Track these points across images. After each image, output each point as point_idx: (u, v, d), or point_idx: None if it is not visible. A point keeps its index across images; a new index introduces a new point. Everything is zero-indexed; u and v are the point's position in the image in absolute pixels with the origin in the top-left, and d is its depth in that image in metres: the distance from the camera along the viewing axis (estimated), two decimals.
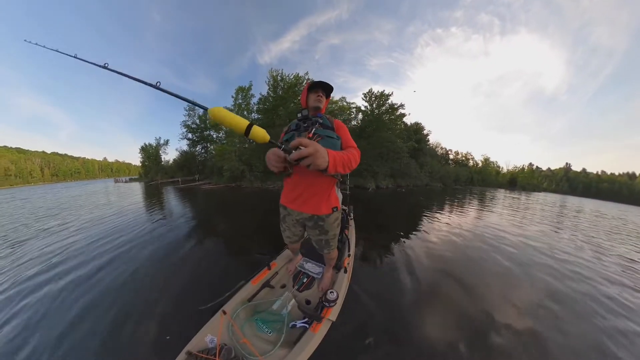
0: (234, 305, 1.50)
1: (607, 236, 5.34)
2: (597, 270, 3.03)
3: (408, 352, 1.54)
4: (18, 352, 1.50)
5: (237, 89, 20.74)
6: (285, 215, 1.50)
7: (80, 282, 2.33)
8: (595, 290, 2.49)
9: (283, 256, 2.12)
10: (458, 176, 30.76)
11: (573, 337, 1.75)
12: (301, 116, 1.36)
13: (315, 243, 1.53)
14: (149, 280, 2.35)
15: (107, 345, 1.56)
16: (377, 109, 18.69)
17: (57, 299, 2.05)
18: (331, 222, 1.40)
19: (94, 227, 4.47)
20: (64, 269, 2.64)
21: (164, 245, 3.37)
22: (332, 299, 1.45)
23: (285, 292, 1.69)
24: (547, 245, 3.96)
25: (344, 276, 1.81)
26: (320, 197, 1.33)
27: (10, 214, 6.72)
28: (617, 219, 8.92)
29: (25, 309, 1.92)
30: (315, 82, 1.39)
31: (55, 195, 12.39)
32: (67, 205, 7.90)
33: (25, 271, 2.61)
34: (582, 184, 68.07)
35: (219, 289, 1.62)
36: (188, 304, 1.91)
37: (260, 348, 1.22)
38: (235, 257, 2.95)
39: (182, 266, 2.66)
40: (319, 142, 1.22)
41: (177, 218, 5.23)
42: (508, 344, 1.63)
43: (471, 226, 5.16)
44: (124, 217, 5.38)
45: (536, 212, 8.44)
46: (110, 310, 1.88)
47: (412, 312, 1.92)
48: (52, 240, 3.73)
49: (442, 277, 2.54)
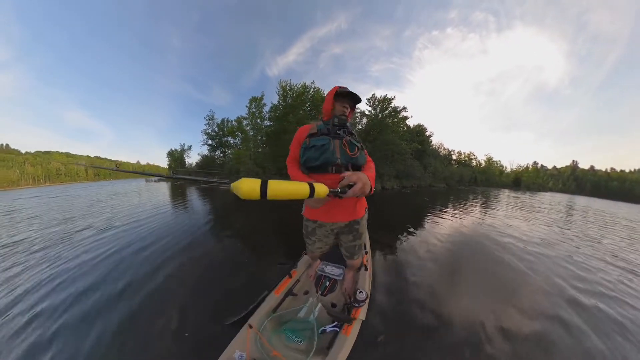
0: (259, 317, 1.36)
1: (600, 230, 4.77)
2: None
3: (425, 344, 1.46)
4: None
5: (251, 99, 21.05)
6: (316, 227, 1.33)
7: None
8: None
9: (302, 262, 1.97)
10: (461, 176, 29.44)
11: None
12: (337, 121, 1.18)
13: (346, 250, 1.42)
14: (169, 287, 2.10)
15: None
16: (380, 113, 18.20)
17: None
18: (364, 223, 1.34)
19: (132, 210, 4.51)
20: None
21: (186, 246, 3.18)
22: (361, 299, 1.36)
23: (309, 298, 1.58)
24: (544, 242, 3.60)
25: (365, 274, 1.71)
26: (355, 203, 1.25)
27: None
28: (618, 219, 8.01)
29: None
30: (344, 90, 1.15)
31: (104, 189, 12.97)
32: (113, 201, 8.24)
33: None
34: (590, 183, 62.54)
35: (242, 301, 1.51)
36: (209, 318, 1.68)
37: (293, 358, 1.11)
38: (255, 266, 2.61)
39: (208, 276, 2.36)
40: (359, 155, 1.17)
41: (198, 214, 5.30)
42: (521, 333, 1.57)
43: (474, 225, 4.88)
44: (161, 214, 5.47)
45: (541, 213, 7.80)
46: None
47: (422, 305, 1.82)
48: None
49: (446, 272, 2.47)
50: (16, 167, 63.66)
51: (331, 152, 1.10)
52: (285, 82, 18.39)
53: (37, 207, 7.67)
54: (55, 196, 11.31)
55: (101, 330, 1.59)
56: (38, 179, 66.29)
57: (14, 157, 67.93)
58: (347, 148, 1.12)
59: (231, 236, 3.70)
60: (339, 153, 1.11)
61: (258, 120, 20.42)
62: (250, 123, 21.36)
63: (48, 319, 1.72)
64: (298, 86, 18.29)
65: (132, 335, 1.54)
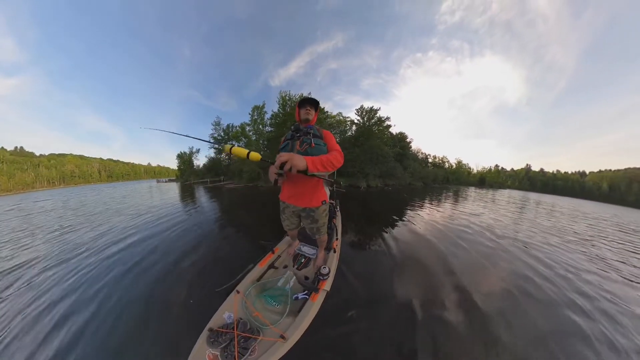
0: (245, 285, 1.48)
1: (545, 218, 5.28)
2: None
3: (384, 316, 1.54)
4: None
5: (253, 107, 21.01)
6: (284, 208, 1.52)
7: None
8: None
9: (284, 242, 2.12)
10: (436, 176, 30.35)
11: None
12: (294, 128, 1.41)
13: (309, 230, 1.55)
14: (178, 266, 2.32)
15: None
16: (367, 122, 18.62)
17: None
18: (320, 213, 1.43)
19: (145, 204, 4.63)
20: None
21: (193, 232, 3.40)
22: (325, 273, 1.48)
23: (287, 271, 1.68)
24: (492, 225, 3.94)
25: (334, 255, 1.85)
26: (310, 193, 1.37)
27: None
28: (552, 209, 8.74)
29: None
30: (303, 98, 1.41)
31: (119, 190, 12.67)
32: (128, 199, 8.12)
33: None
34: (540, 182, 66.43)
35: (233, 271, 1.61)
36: (206, 286, 1.85)
37: (270, 318, 1.21)
38: (246, 244, 2.91)
39: (205, 252, 2.65)
40: (309, 148, 1.26)
41: (206, 209, 5.41)
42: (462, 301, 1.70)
43: (443, 216, 5.18)
44: (171, 206, 5.51)
45: (500, 205, 8.32)
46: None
47: (390, 285, 1.92)
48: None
49: (415, 256, 2.57)
50: (31, 169, 59.89)
51: (289, 150, 1.32)
52: (285, 92, 18.64)
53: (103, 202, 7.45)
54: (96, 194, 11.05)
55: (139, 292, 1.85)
56: (53, 181, 62.41)
57: (29, 159, 63.81)
58: (298, 145, 1.29)
59: (232, 226, 3.88)
60: (295, 150, 1.30)
61: (260, 126, 20.36)
62: (253, 129, 21.25)
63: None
64: (297, 96, 18.47)
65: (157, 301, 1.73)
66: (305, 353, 1.18)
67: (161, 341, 1.35)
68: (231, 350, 1.00)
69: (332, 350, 1.26)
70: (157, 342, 1.34)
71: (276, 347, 1.02)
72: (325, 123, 18.27)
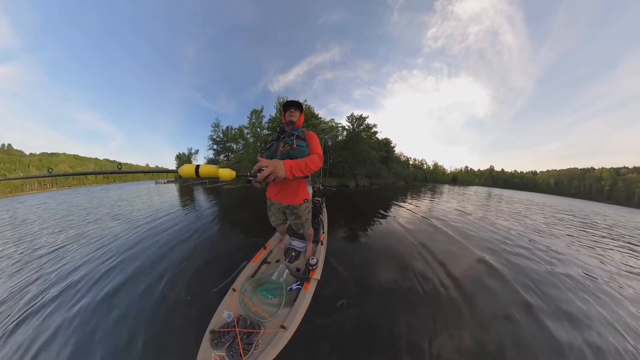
0: (241, 281, 1.40)
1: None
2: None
3: (371, 303, 1.52)
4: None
5: (252, 111, 20.41)
6: (271, 205, 1.51)
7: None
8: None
9: (275, 237, 2.06)
10: (416, 176, 31.68)
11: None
12: (279, 129, 1.36)
13: (294, 225, 1.53)
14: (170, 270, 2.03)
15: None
16: (357, 128, 19.00)
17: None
18: (303, 210, 1.41)
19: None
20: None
21: (189, 232, 3.19)
22: (313, 263, 1.48)
23: (279, 265, 1.64)
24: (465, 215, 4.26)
25: (321, 247, 1.84)
26: (294, 192, 1.36)
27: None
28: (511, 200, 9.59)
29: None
30: (287, 102, 1.34)
31: (117, 192, 11.78)
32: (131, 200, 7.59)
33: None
34: (502, 180, 72.41)
35: (228, 269, 1.54)
36: (202, 286, 1.67)
37: (269, 311, 1.17)
38: (240, 241, 2.73)
39: (200, 251, 2.44)
40: (290, 150, 1.21)
41: (205, 209, 5.18)
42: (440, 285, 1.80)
43: (422, 207, 5.53)
44: (174, 210, 5.26)
45: (469, 198, 8.88)
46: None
47: (376, 273, 1.92)
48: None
49: (397, 244, 2.63)
50: (20, 169, 53.47)
51: (273, 151, 1.29)
52: (283, 98, 18.33)
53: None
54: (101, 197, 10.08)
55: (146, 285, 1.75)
56: (44, 183, 56.10)
57: (17, 158, 56.87)
58: (282, 146, 1.26)
59: (228, 225, 3.65)
60: (278, 151, 1.27)
61: (258, 129, 19.92)
62: (251, 132, 20.73)
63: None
64: None
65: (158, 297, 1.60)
66: (304, 342, 1.17)
67: (162, 347, 1.19)
68: (236, 348, 0.94)
69: (327, 336, 1.24)
70: (158, 347, 1.19)
71: (279, 337, 0.99)
72: (318, 128, 18.26)
